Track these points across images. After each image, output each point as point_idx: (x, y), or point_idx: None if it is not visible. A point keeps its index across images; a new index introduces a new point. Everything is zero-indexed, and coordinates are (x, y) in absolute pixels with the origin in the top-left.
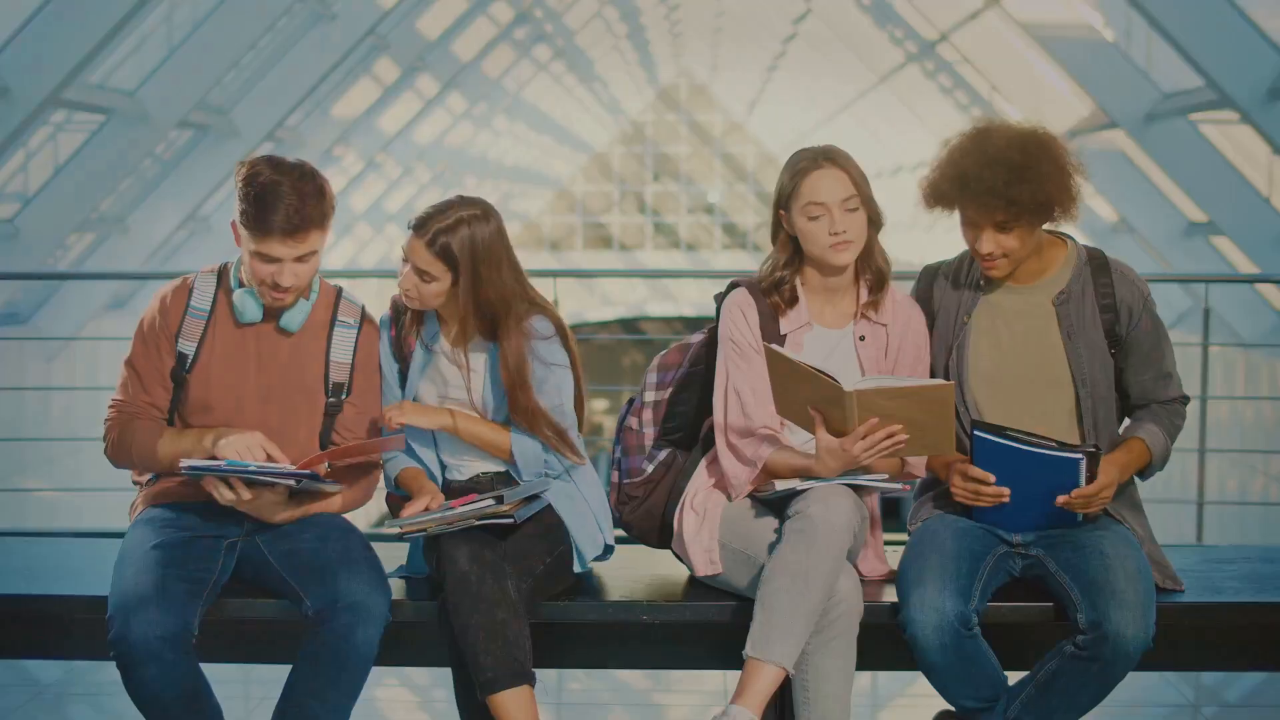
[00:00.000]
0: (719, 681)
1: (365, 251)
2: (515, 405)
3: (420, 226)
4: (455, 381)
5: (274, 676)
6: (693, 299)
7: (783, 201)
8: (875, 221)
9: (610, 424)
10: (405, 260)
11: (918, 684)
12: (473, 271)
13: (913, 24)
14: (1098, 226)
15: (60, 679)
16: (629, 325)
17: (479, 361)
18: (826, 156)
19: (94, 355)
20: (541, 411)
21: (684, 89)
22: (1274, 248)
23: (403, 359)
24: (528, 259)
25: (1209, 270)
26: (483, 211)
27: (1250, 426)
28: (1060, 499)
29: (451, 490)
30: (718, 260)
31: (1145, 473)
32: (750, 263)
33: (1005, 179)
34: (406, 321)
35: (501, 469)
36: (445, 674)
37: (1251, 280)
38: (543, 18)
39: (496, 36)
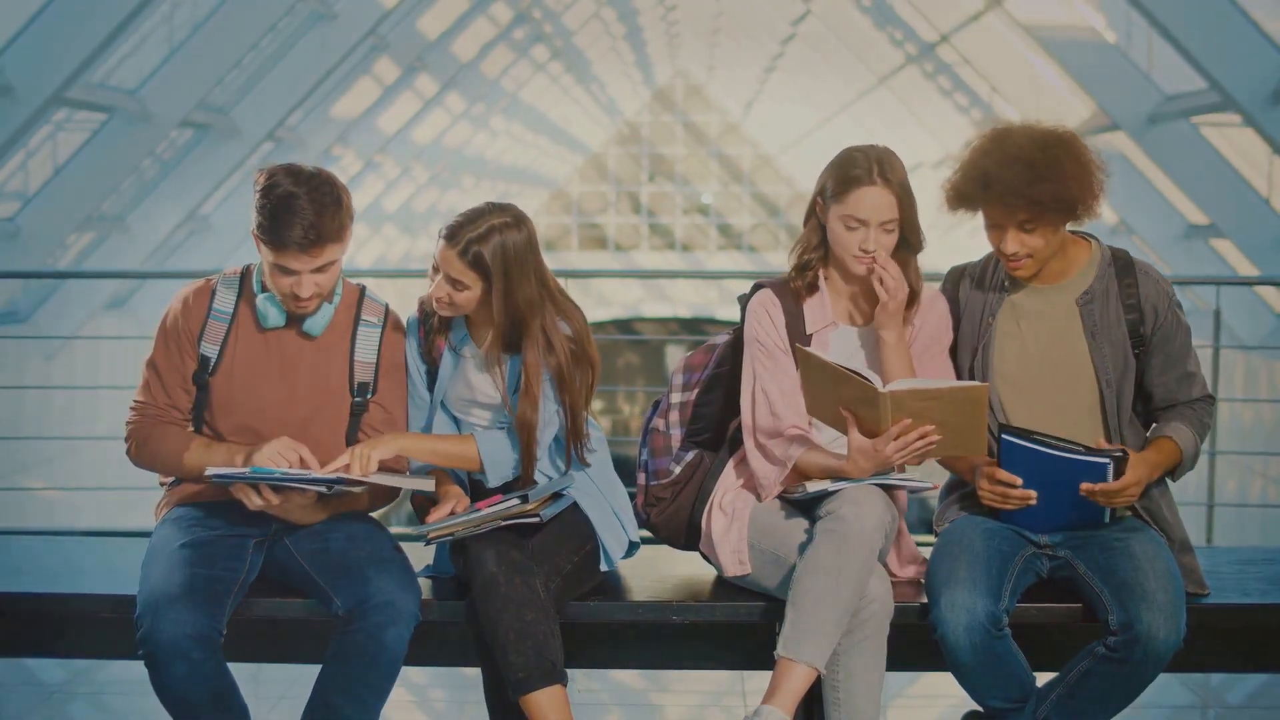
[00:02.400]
0: (736, 681)
1: (363, 251)
2: (522, 412)
3: (452, 236)
4: (483, 387)
5: (288, 675)
6: (689, 300)
7: (824, 195)
8: (913, 244)
9: (605, 423)
10: (436, 269)
11: (946, 684)
12: (504, 279)
13: (913, 25)
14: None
15: (66, 679)
16: (624, 326)
17: (508, 368)
18: (883, 173)
19: (94, 354)
20: (534, 429)
21: (680, 89)
22: (1275, 250)
23: (431, 361)
24: None
25: (1208, 273)
26: (514, 219)
27: (1250, 429)
28: (1084, 486)
29: (477, 491)
30: (713, 261)
31: (1175, 472)
32: (746, 264)
33: (1027, 178)
34: (435, 325)
35: None
36: (446, 673)
37: (1263, 283)
38: (541, 18)
39: (495, 37)
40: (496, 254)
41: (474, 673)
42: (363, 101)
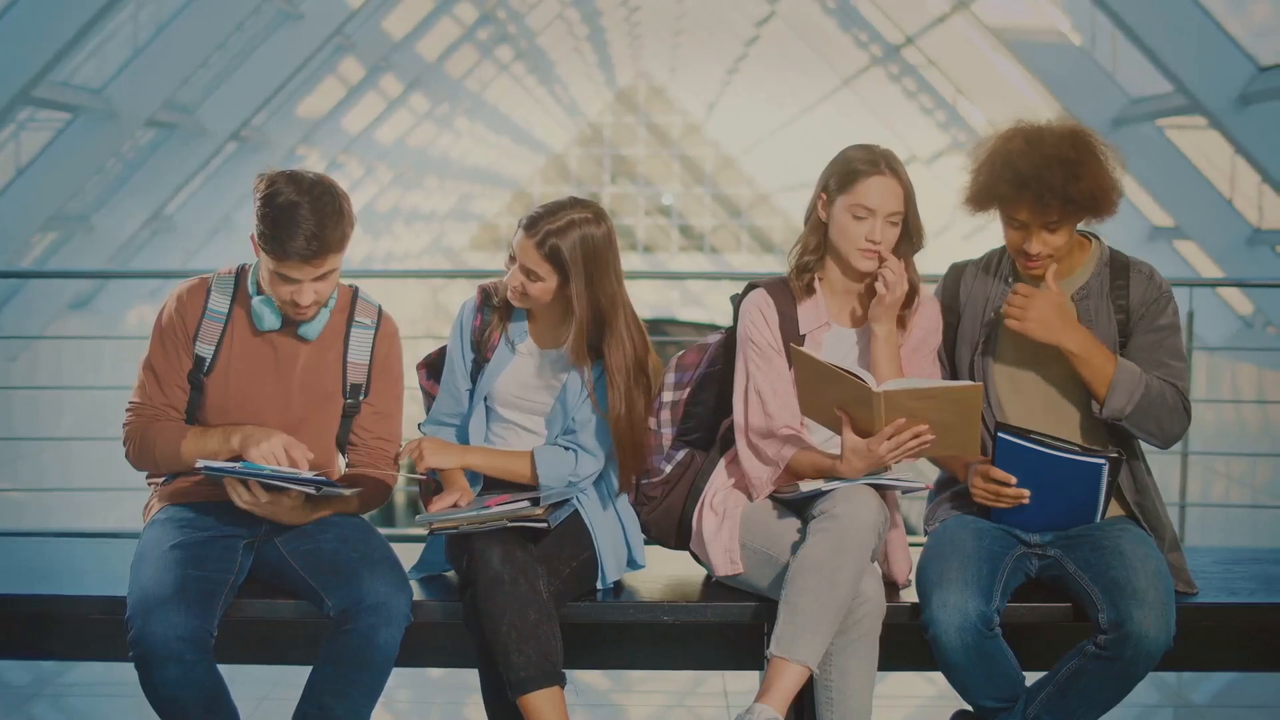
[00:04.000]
0: (717, 681)
1: None
2: (615, 410)
3: (531, 226)
4: (534, 390)
5: (270, 676)
6: (650, 301)
7: (829, 189)
8: (915, 240)
9: None
10: (513, 258)
11: (935, 683)
12: (584, 275)
13: (878, 27)
14: None
15: (45, 680)
16: None
17: (575, 374)
18: (889, 164)
19: (57, 355)
20: (636, 424)
21: (642, 91)
22: (1238, 252)
23: (481, 350)
24: (486, 260)
25: (1169, 275)
26: (594, 215)
27: (1212, 430)
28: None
29: (487, 485)
30: (675, 262)
31: (1107, 394)
32: (708, 264)
33: (1064, 178)
34: (495, 315)
35: None
36: (436, 674)
37: (1236, 284)
38: (506, 19)
39: (460, 37)
40: (574, 248)
41: (458, 674)
42: (328, 101)
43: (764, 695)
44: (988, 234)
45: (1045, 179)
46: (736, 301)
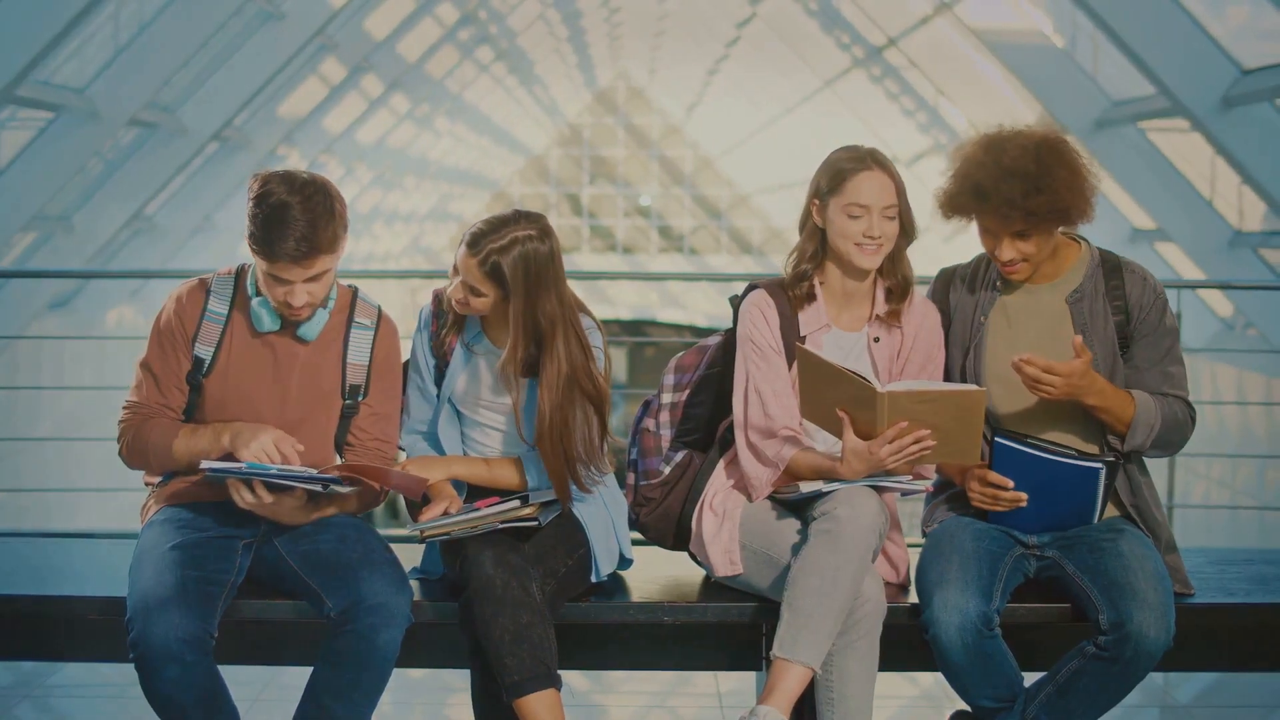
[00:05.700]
0: (710, 683)
1: None
2: (540, 429)
3: (474, 244)
4: (497, 384)
5: (263, 676)
6: (630, 302)
7: (820, 194)
8: (908, 232)
9: None
10: (456, 270)
11: (918, 684)
12: (524, 294)
13: (860, 29)
14: None
15: (13, 682)
16: None
17: (525, 391)
18: (875, 159)
19: (36, 355)
20: (557, 445)
21: (622, 91)
22: (1218, 254)
23: (441, 356)
24: None
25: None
26: (540, 231)
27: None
28: (1023, 357)
29: (474, 490)
30: (654, 263)
31: (1128, 433)
32: (687, 266)
33: (1022, 191)
34: (448, 320)
35: None
36: (432, 675)
37: (1222, 286)
38: (487, 19)
39: (441, 38)
40: (517, 266)
41: (439, 675)
42: (309, 101)
43: (767, 697)
44: (968, 236)
45: (1003, 192)
46: (736, 302)
